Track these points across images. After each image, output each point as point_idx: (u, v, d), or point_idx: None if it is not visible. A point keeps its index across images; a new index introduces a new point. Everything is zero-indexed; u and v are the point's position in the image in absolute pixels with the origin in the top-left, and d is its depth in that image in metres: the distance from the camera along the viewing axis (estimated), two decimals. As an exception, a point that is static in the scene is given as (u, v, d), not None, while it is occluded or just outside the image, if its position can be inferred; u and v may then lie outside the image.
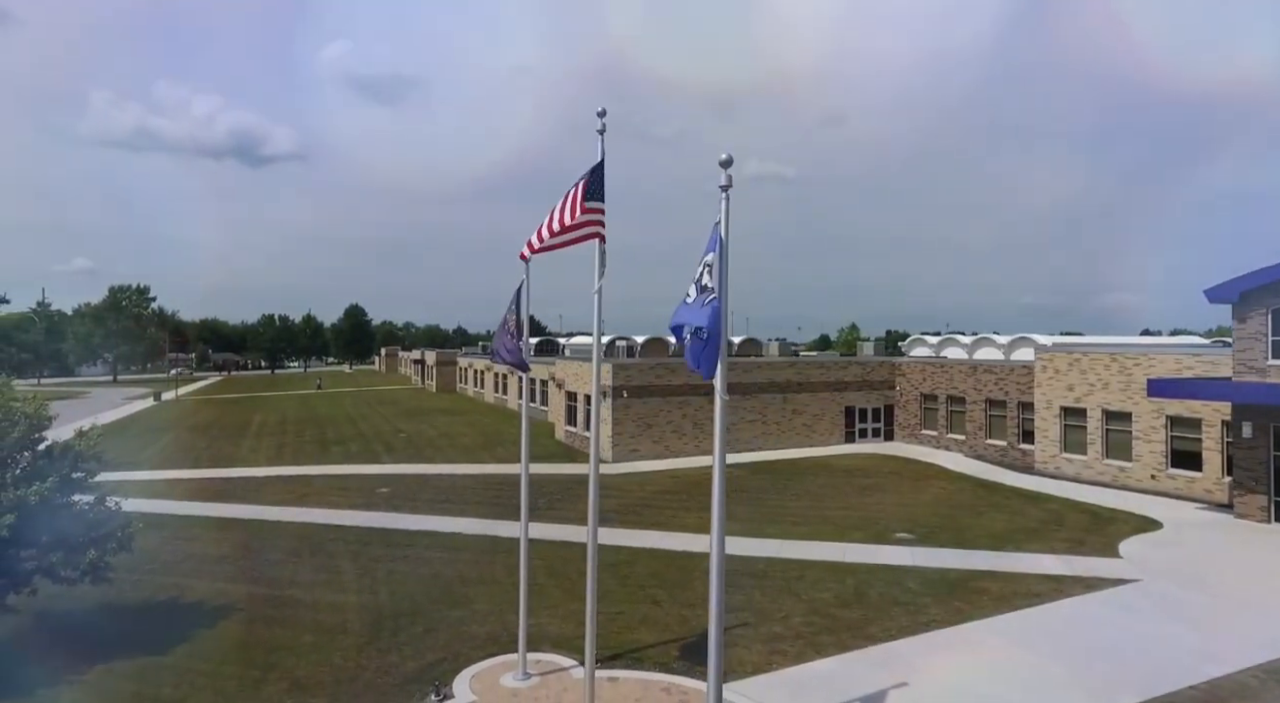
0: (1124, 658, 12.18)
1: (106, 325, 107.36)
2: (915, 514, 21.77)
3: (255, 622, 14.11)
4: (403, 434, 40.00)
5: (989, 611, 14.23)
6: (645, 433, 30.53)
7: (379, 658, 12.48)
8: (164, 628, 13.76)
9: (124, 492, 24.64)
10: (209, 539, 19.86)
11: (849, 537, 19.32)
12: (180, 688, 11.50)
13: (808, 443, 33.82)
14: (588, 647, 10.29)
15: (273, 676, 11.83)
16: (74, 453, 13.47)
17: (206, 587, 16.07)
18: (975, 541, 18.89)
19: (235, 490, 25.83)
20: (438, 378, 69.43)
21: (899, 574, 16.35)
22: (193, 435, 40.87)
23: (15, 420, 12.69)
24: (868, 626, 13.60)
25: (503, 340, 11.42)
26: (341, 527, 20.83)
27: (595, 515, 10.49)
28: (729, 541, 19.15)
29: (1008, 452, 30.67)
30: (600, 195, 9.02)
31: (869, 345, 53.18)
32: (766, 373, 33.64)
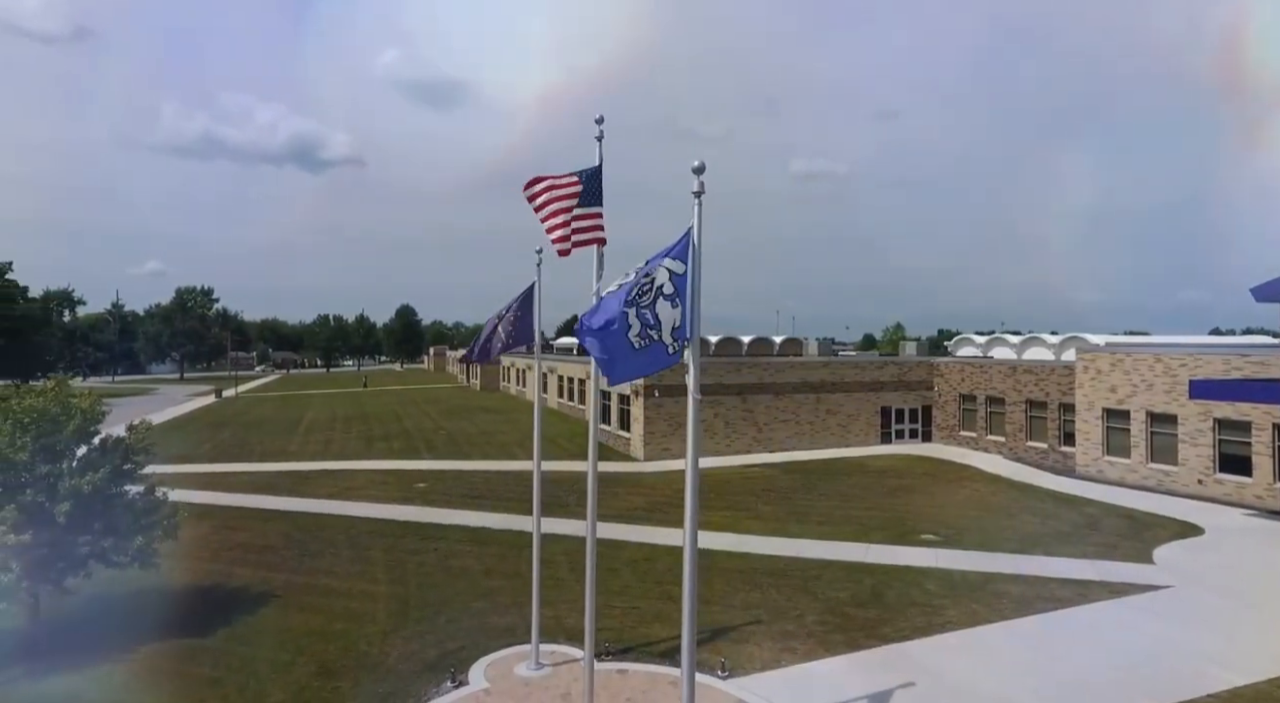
0: (1142, 664, 11.96)
1: (173, 325, 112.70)
2: (944, 516, 21.51)
3: (291, 608, 14.86)
4: (443, 432, 41.06)
5: (1007, 614, 14.08)
6: (676, 432, 30.76)
7: (402, 645, 13.06)
8: (207, 612, 14.62)
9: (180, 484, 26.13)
10: (255, 530, 20.86)
11: (872, 537, 19.24)
12: (218, 668, 12.25)
13: (842, 443, 33.56)
14: (587, 639, 10.61)
15: (302, 659, 12.50)
16: (125, 446, 14.39)
17: (249, 574, 16.95)
18: (1002, 543, 18.61)
19: (283, 483, 26.98)
20: (481, 377, 70.85)
21: (919, 576, 16.26)
22: (247, 431, 42.69)
23: (71, 415, 13.64)
24: (881, 626, 13.61)
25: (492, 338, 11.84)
26: (378, 520, 21.64)
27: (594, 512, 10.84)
28: (750, 538, 19.44)
29: (1048, 454, 29.93)
30: (599, 200, 9.31)
31: (911, 345, 52.32)
32: (800, 372, 33.50)
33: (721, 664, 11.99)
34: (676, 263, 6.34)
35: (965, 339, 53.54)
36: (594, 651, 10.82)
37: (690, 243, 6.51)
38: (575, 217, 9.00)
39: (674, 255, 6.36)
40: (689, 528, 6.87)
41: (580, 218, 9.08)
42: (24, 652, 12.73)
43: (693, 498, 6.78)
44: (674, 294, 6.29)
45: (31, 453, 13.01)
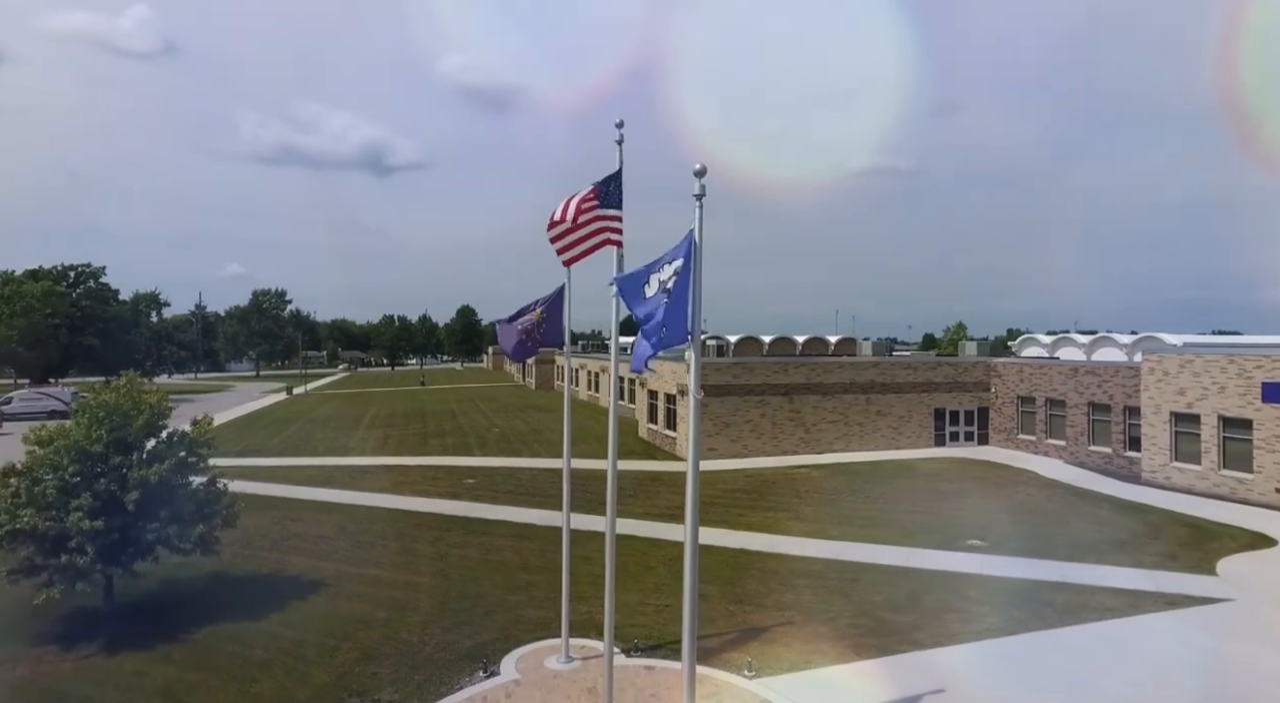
0: (1189, 678, 11.47)
1: (250, 326, 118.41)
2: (992, 521, 20.92)
3: (339, 597, 15.56)
4: (495, 429, 42.00)
5: (1051, 623, 13.67)
6: (722, 432, 30.73)
7: (440, 635, 13.54)
8: (262, 598, 15.43)
9: (248, 476, 27.61)
10: (312, 521, 21.85)
11: (915, 541, 18.88)
12: (268, 651, 12.95)
13: (893, 445, 32.91)
14: (606, 634, 10.81)
15: (346, 645, 13.10)
16: (189, 440, 15.34)
17: (303, 563, 17.79)
18: (1052, 550, 18.01)
19: (341, 477, 28.13)
20: (536, 376, 72.02)
21: (960, 581, 15.91)
22: (313, 427, 44.57)
23: (141, 410, 14.63)
24: (916, 631, 13.40)
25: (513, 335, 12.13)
26: (427, 514, 22.38)
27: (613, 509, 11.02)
28: (788, 540, 19.33)
29: (1112, 459, 28.69)
30: (619, 203, 9.51)
31: (971, 345, 50.74)
32: (849, 373, 32.99)
33: (748, 664, 12.03)
34: (678, 262, 6.49)
35: (1030, 339, 51.64)
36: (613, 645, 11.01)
37: (692, 244, 6.64)
38: (600, 216, 9.22)
39: (678, 257, 6.51)
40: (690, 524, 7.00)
41: (606, 218, 9.29)
42: (99, 630, 13.72)
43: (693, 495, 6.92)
44: (668, 293, 6.44)
45: (105, 445, 14.01)
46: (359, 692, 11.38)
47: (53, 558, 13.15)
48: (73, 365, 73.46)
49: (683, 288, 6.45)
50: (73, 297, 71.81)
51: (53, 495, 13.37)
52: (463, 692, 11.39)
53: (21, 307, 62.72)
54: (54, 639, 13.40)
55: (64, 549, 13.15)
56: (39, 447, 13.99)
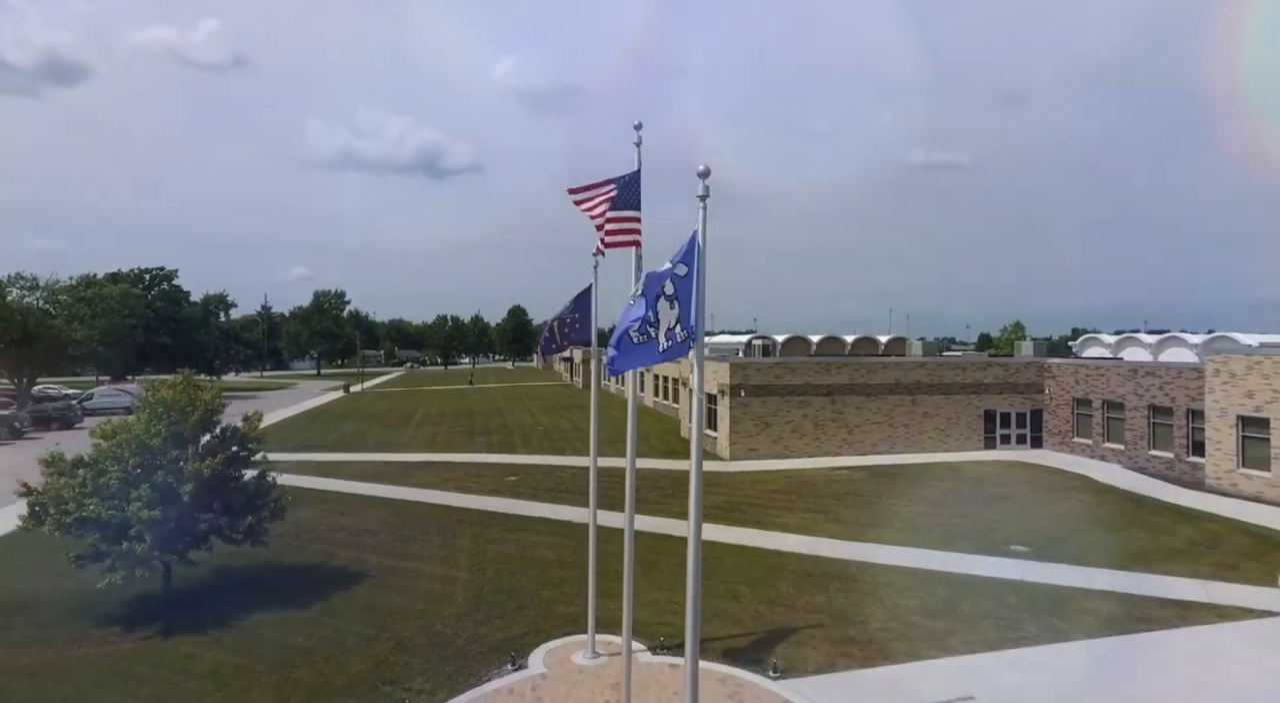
0: (1233, 693, 10.96)
1: (311, 326, 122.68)
2: (1040, 527, 20.29)
3: (380, 588, 16.10)
4: (540, 428, 42.61)
5: (1092, 632, 13.24)
6: (764, 432, 30.52)
7: (473, 628, 13.90)
8: (308, 588, 16.08)
9: (303, 471, 28.70)
10: (359, 514, 22.61)
11: (956, 546, 18.47)
12: (310, 639, 13.51)
13: (940, 448, 32.15)
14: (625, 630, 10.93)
15: (383, 635, 13.57)
16: (240, 435, 16.09)
17: (348, 555, 18.45)
18: (1101, 558, 17.38)
19: (390, 473, 29.00)
20: (584, 375, 72.65)
21: (999, 588, 15.52)
22: (366, 423, 45.99)
23: (196, 406, 15.42)
24: (948, 637, 13.16)
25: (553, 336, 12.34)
26: (468, 510, 22.91)
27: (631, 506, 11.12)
28: (824, 542, 19.16)
29: (1174, 465, 27.44)
30: (637, 204, 9.63)
31: (1027, 345, 49.14)
32: (894, 373, 32.36)
33: (774, 665, 12.01)
34: (680, 266, 6.56)
35: (1092, 339, 49.78)
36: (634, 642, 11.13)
37: (696, 245, 6.71)
38: (609, 219, 9.35)
39: (680, 259, 6.59)
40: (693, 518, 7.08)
41: (615, 220, 9.42)
42: (158, 614, 14.52)
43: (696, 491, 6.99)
44: (673, 295, 6.51)
45: (163, 439, 14.81)
46: (392, 680, 11.79)
47: (115, 545, 13.96)
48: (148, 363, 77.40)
49: (688, 290, 6.53)
50: (148, 298, 75.67)
51: (115, 486, 14.21)
52: (490, 684, 11.68)
53: (102, 308, 66.35)
54: (118, 622, 14.23)
55: (125, 537, 13.95)
56: (104, 440, 14.87)
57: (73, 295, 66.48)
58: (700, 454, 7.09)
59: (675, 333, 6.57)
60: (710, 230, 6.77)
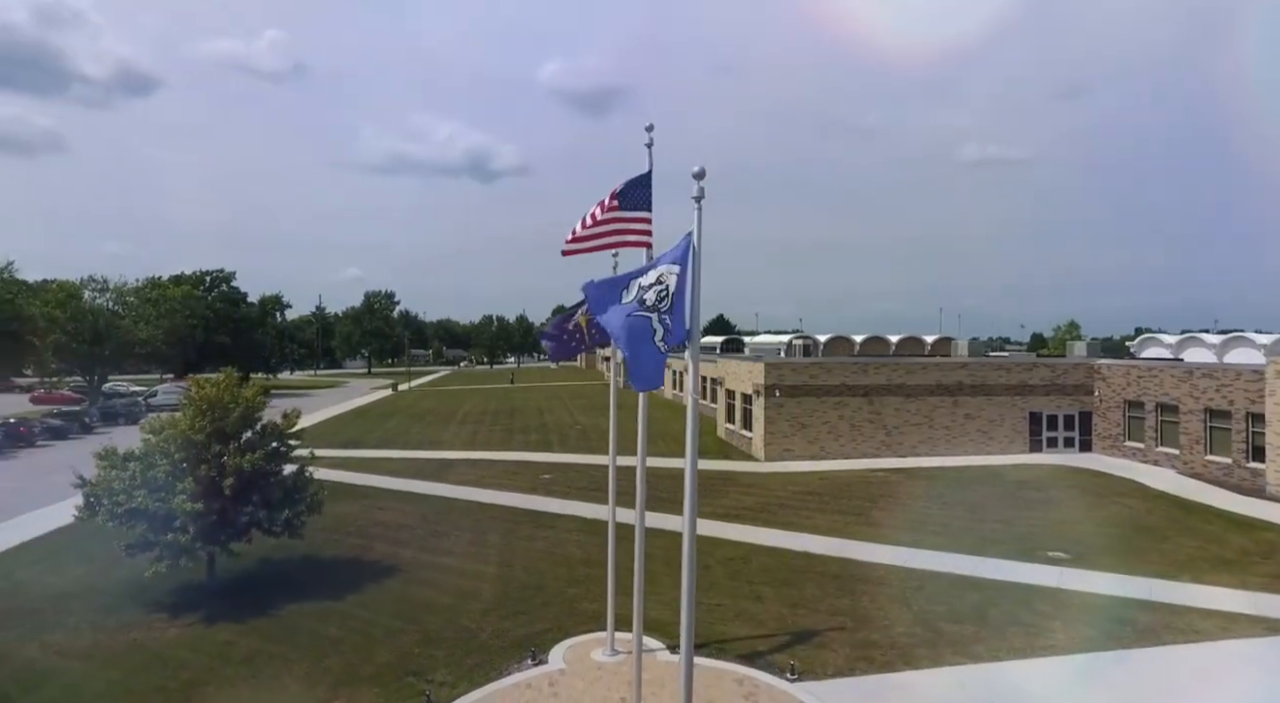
0: (1279, 713, 10.50)
1: (362, 325, 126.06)
2: (1081, 533, 19.67)
3: (411, 582, 16.52)
4: (578, 426, 42.98)
5: (1126, 643, 12.81)
6: (799, 433, 30.21)
7: (497, 623, 14.17)
8: (343, 580, 16.59)
9: (347, 466, 29.56)
10: (397, 510, 23.19)
11: (991, 551, 18.03)
12: (342, 629, 13.96)
13: (983, 450, 31.34)
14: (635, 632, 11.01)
15: (410, 628, 13.94)
16: (279, 431, 16.70)
17: (384, 549, 18.96)
18: (1144, 567, 16.77)
19: (429, 470, 29.66)
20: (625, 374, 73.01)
21: (1032, 595, 15.12)
22: (410, 421, 47.07)
23: (238, 403, 16.06)
24: (974, 644, 12.89)
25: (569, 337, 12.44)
26: (502, 507, 23.30)
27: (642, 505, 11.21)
28: (855, 544, 18.94)
29: (1232, 471, 26.23)
30: (648, 205, 9.69)
31: (1080, 345, 47.56)
32: (934, 374, 31.67)
33: (791, 667, 11.96)
34: (673, 267, 6.60)
35: (1151, 339, 47.90)
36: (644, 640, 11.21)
37: (690, 247, 6.75)
38: (619, 218, 9.41)
39: (673, 260, 6.63)
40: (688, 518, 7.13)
41: (625, 220, 9.48)
42: (202, 603, 15.18)
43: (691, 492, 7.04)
44: (667, 301, 6.55)
45: (207, 435, 15.49)
46: (415, 671, 12.12)
47: (161, 536, 14.64)
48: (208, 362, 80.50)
49: (680, 292, 6.56)
50: (208, 299, 78.70)
51: (162, 479, 14.92)
52: (509, 678, 11.92)
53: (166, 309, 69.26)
54: (165, 609, 14.93)
55: (170, 528, 14.63)
56: (153, 435, 15.62)
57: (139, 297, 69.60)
58: (695, 454, 7.14)
59: (678, 334, 6.61)
60: (757, 228, 6.80)
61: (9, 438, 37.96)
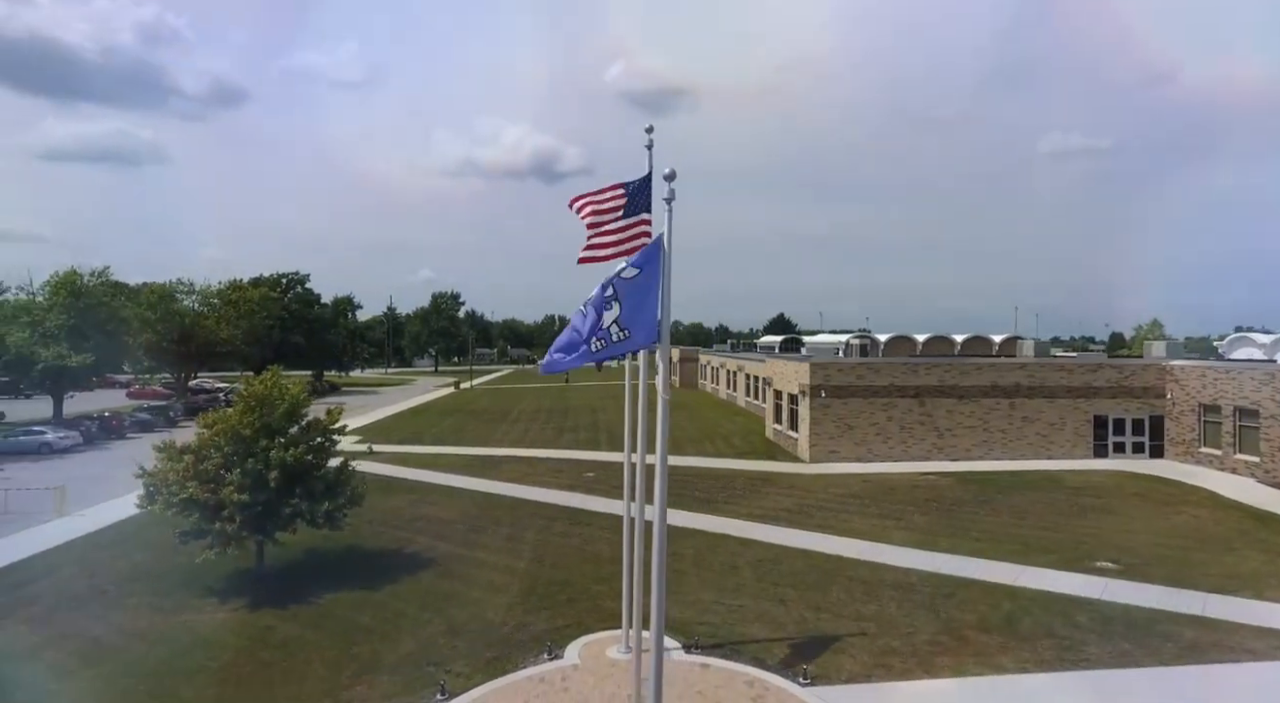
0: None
1: (430, 325, 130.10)
2: (1137, 543, 18.67)
3: (444, 575, 17.04)
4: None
5: (1165, 659, 12.15)
6: (846, 434, 29.61)
7: (521, 616, 14.49)
8: (382, 571, 17.25)
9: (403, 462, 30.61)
10: (442, 504, 23.92)
11: (1034, 559, 17.32)
12: (374, 618, 14.54)
13: (1042, 454, 30.01)
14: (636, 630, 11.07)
15: (438, 619, 14.40)
16: (323, 427, 17.48)
17: (423, 542, 19.61)
18: (1200, 580, 15.81)
19: (478, 466, 30.41)
20: (680, 374, 72.88)
21: (1071, 606, 14.47)
22: (467, 418, 48.32)
23: (284, 399, 16.90)
24: (1000, 654, 12.46)
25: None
26: (542, 503, 23.73)
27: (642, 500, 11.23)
28: (889, 549, 18.57)
29: (1318, 480, 24.36)
30: (648, 208, 9.77)
31: (1159, 345, 44.88)
32: (990, 375, 30.49)
33: (804, 672, 11.83)
34: (629, 269, 6.67)
35: (1243, 338, 44.83)
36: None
37: (660, 248, 6.81)
38: (621, 228, 9.52)
39: (633, 263, 6.70)
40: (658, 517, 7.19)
41: (626, 227, 9.58)
42: (249, 589, 16.05)
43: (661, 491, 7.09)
44: (612, 297, 6.62)
45: (255, 430, 16.35)
46: (436, 661, 12.52)
47: (211, 525, 15.57)
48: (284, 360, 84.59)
49: (643, 290, 6.61)
50: (284, 301, 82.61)
51: (213, 471, 15.83)
52: (523, 671, 12.19)
53: (245, 310, 73.17)
54: (216, 594, 15.86)
55: (219, 517, 15.53)
56: (206, 429, 16.61)
57: (222, 298, 73.72)
58: (665, 455, 7.19)
59: (612, 333, 6.68)
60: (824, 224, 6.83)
61: (102, 430, 40.92)
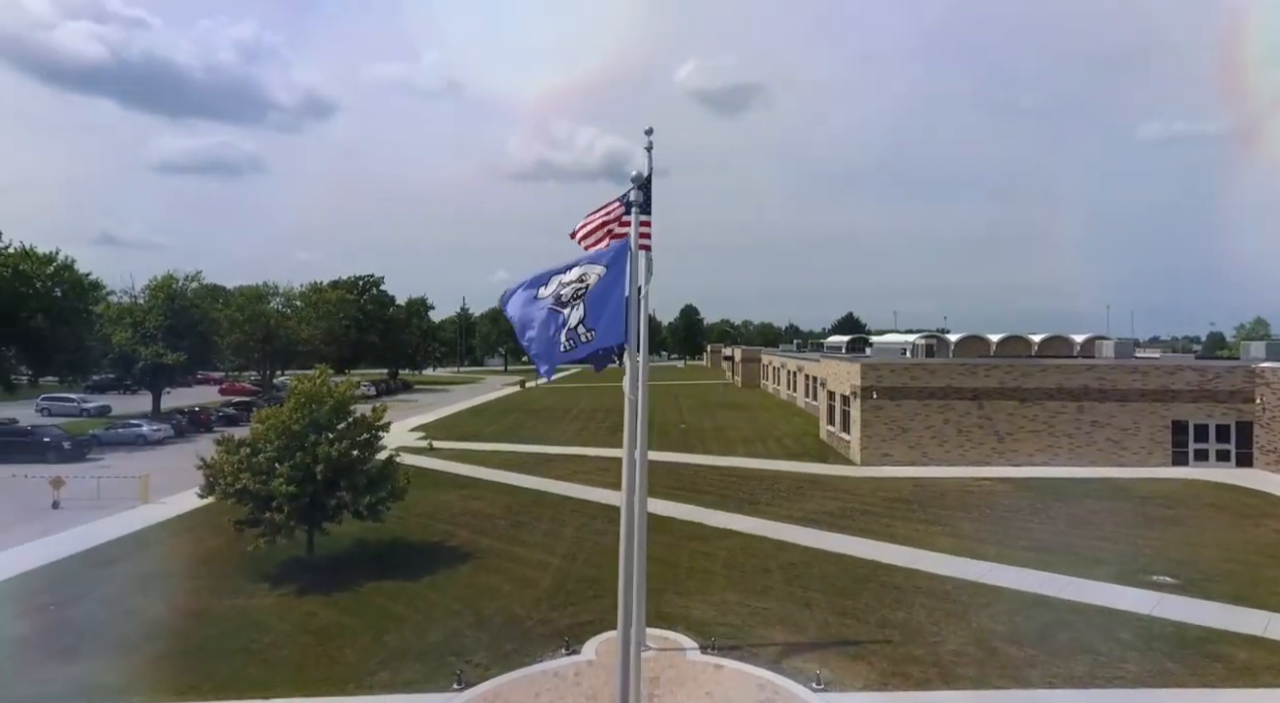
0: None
1: (500, 325, 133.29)
2: (1203, 557, 17.49)
3: (480, 569, 17.54)
4: (683, 426, 43.21)
5: (1210, 681, 11.39)
6: (899, 437, 28.76)
7: (547, 611, 14.79)
8: (423, 563, 17.88)
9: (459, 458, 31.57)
10: (488, 500, 24.56)
11: (1085, 570, 16.47)
12: (409, 607, 15.12)
13: (1113, 461, 28.36)
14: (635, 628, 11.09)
15: (468, 610, 14.86)
16: (368, 423, 18.26)
17: (466, 537, 20.21)
18: (1268, 599, 14.71)
19: (528, 463, 31.07)
20: (743, 374, 72.32)
21: (1116, 621, 13.71)
22: (527, 416, 49.33)
23: (331, 396, 17.75)
24: (1028, 668, 11.95)
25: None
26: (584, 501, 24.06)
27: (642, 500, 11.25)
28: (929, 555, 18.13)
29: None
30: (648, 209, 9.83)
31: (1258, 345, 41.65)
32: (1055, 377, 29.01)
33: (818, 677, 11.67)
34: (594, 267, 6.74)
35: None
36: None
37: (627, 249, 6.88)
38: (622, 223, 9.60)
39: (594, 260, 6.78)
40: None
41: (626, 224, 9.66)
42: (298, 576, 16.94)
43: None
44: (582, 297, 6.72)
45: (304, 425, 17.25)
46: (458, 652, 12.94)
47: (262, 514, 16.52)
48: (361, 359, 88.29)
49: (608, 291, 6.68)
50: (360, 302, 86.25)
51: (265, 464, 16.80)
52: (539, 664, 12.45)
53: (324, 311, 76.88)
54: (268, 579, 16.81)
55: (269, 508, 16.47)
56: (260, 424, 17.62)
57: (304, 300, 77.66)
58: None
59: (579, 334, 6.78)
60: (903, 219, 6.85)
61: (191, 424, 43.81)
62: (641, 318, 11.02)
